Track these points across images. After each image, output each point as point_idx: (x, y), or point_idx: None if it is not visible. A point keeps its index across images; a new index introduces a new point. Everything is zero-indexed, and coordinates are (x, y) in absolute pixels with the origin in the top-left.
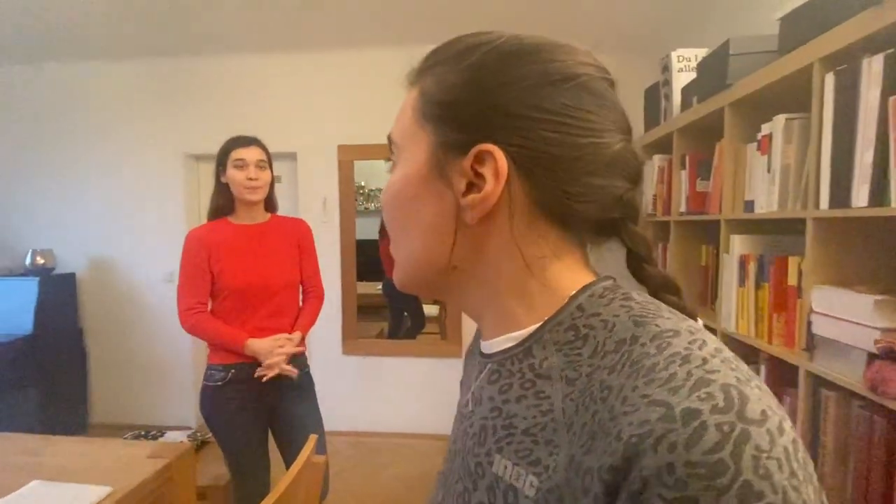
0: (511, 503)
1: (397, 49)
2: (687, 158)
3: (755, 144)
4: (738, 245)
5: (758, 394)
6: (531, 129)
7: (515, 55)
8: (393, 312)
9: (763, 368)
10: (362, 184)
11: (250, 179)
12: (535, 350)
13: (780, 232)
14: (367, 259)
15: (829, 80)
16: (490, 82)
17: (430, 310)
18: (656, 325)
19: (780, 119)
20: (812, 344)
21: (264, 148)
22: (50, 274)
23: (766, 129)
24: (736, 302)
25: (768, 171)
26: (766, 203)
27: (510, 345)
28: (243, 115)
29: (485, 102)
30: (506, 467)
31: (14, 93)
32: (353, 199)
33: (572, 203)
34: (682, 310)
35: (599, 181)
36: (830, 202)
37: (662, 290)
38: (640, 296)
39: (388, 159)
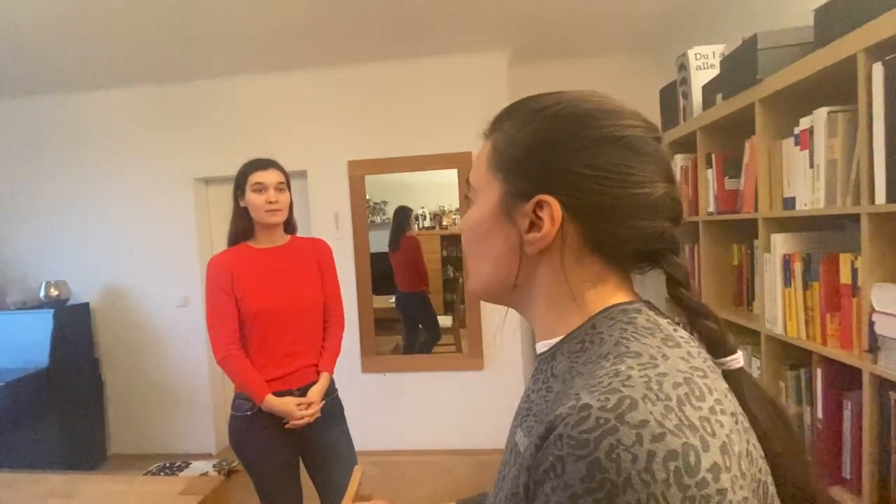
0: (515, 458)
1: (402, 62)
2: (713, 157)
3: (792, 140)
4: (780, 244)
5: (652, 410)
6: (581, 184)
7: (570, 121)
8: (407, 325)
9: (819, 372)
10: (367, 197)
11: (270, 203)
12: (557, 355)
13: (823, 228)
14: (379, 272)
15: (878, 70)
16: (548, 145)
17: (443, 321)
18: (627, 347)
19: (822, 112)
20: (875, 345)
21: (282, 170)
22: (64, 305)
23: (804, 123)
24: (782, 303)
25: (811, 166)
26: (811, 200)
27: (545, 349)
28: (251, 136)
29: (543, 161)
30: (520, 437)
31: (21, 126)
32: (365, 214)
33: (615, 241)
34: (721, 338)
35: (641, 223)
36: (888, 196)
37: (700, 316)
38: (647, 319)
39: (467, 196)
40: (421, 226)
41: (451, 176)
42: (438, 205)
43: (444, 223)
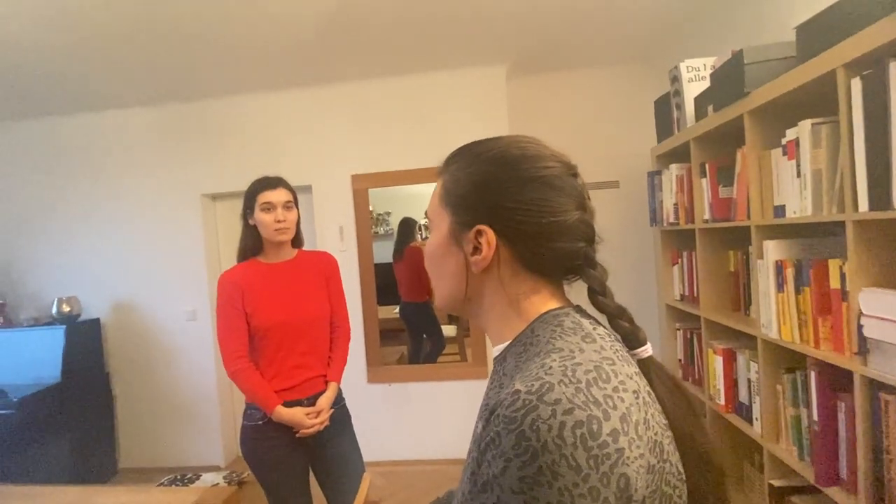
0: (473, 440)
1: (403, 78)
2: (707, 166)
3: (780, 150)
4: (772, 250)
5: (564, 391)
6: (509, 215)
7: (500, 165)
8: (412, 336)
9: (813, 375)
10: (370, 209)
11: (279, 222)
12: (507, 357)
13: (814, 235)
14: (383, 283)
15: (856, 84)
16: (483, 184)
17: (448, 331)
18: (553, 345)
19: (806, 124)
20: (865, 347)
21: (289, 188)
22: (76, 321)
23: (791, 134)
24: (776, 308)
25: (798, 175)
26: (800, 207)
27: (497, 353)
28: (257, 152)
29: (480, 197)
30: (478, 427)
31: (34, 146)
32: (369, 226)
33: (541, 259)
34: (632, 334)
35: (560, 244)
36: (870, 204)
37: (617, 317)
38: (572, 321)
39: (426, 226)
40: (424, 236)
41: None
42: None
43: None
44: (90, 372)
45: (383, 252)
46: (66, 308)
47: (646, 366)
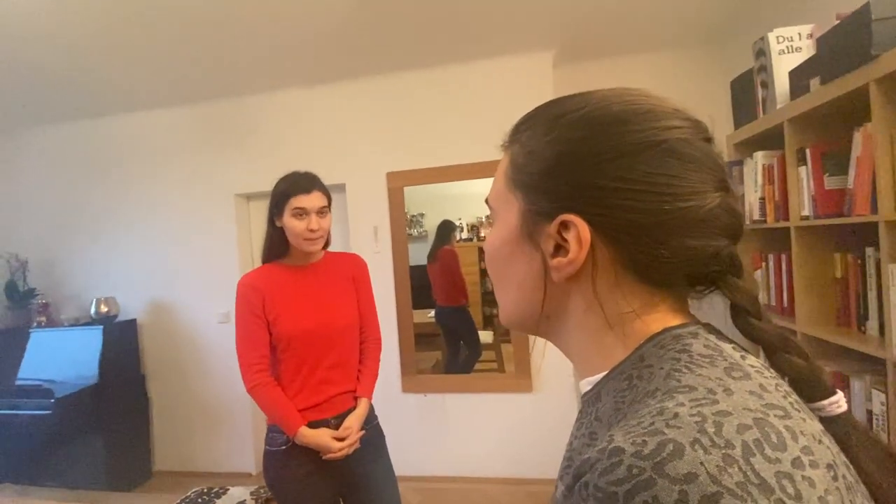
0: None
1: (441, 69)
2: (808, 152)
3: None
4: None
5: (704, 460)
6: (613, 199)
7: (596, 127)
8: (448, 342)
9: None
10: (405, 209)
11: (311, 231)
12: (602, 395)
13: None
14: (418, 286)
15: None
16: (571, 156)
17: (484, 336)
18: (678, 381)
19: None
20: None
21: (325, 190)
22: (113, 321)
23: None
24: None
25: None
26: None
27: (588, 388)
28: (290, 150)
29: (567, 175)
30: (558, 491)
31: (73, 149)
32: (404, 226)
33: (661, 264)
34: (812, 377)
35: (690, 242)
36: None
37: (782, 350)
38: (706, 346)
39: (488, 216)
40: (458, 238)
41: (489, 186)
42: (476, 216)
43: (482, 235)
44: (126, 373)
45: (417, 254)
46: (104, 308)
47: (839, 427)
